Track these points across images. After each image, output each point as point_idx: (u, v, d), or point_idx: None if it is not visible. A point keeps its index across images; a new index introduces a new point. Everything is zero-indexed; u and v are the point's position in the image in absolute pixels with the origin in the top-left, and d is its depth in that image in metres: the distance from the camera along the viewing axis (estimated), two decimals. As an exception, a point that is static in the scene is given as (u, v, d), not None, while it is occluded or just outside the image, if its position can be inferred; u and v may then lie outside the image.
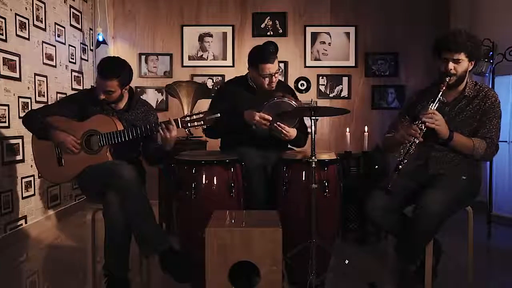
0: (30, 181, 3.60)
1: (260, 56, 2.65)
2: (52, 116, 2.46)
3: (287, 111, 2.53)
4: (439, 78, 2.32)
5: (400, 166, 2.20)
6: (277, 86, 2.84)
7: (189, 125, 2.37)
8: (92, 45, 4.87)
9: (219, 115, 2.35)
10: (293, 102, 2.53)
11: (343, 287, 2.57)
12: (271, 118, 2.52)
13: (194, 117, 2.36)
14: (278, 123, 2.54)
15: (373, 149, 3.53)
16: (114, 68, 2.43)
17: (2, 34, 3.22)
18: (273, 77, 2.66)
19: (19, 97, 3.44)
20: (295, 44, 4.88)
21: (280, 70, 2.74)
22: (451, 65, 2.25)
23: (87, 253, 2.41)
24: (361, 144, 3.46)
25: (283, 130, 2.55)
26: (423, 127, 2.20)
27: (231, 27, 4.87)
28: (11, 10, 3.34)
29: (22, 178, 3.48)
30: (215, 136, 2.88)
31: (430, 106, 2.23)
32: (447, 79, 2.26)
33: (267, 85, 2.68)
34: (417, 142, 2.21)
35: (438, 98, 2.24)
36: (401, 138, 2.28)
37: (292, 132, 2.61)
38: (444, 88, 2.25)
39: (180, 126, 2.37)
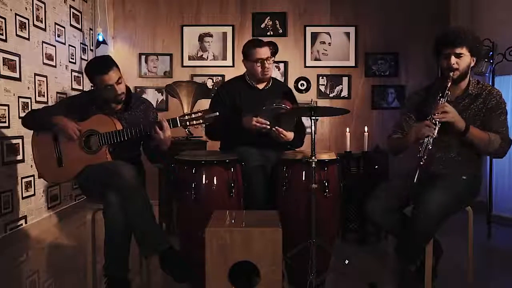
0: (30, 181, 3.60)
1: (251, 42, 2.77)
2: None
3: (284, 115, 2.53)
4: (441, 75, 2.32)
5: (422, 163, 2.15)
6: (275, 85, 2.85)
7: (188, 123, 2.37)
8: (92, 45, 4.87)
9: (218, 113, 2.35)
10: (289, 108, 2.52)
11: (343, 287, 2.57)
12: (268, 123, 2.53)
13: (193, 115, 2.36)
14: (276, 127, 2.55)
15: (373, 149, 3.53)
16: (106, 60, 2.47)
17: (2, 34, 3.22)
18: (266, 63, 2.70)
19: (19, 97, 3.44)
20: (295, 44, 4.88)
21: (273, 59, 2.77)
22: (453, 59, 2.25)
23: (87, 253, 2.41)
24: (361, 144, 3.46)
25: (280, 134, 2.56)
26: (437, 122, 2.17)
27: (231, 27, 4.87)
28: (11, 10, 3.34)
29: (22, 178, 3.48)
30: (216, 136, 2.88)
31: (440, 101, 2.21)
32: (451, 73, 2.25)
33: (260, 73, 2.72)
34: (434, 136, 2.17)
35: (446, 92, 2.23)
36: (415, 137, 2.25)
37: (290, 135, 2.63)
38: (450, 83, 2.24)
39: (179, 125, 2.37)
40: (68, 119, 2.45)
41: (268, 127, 2.54)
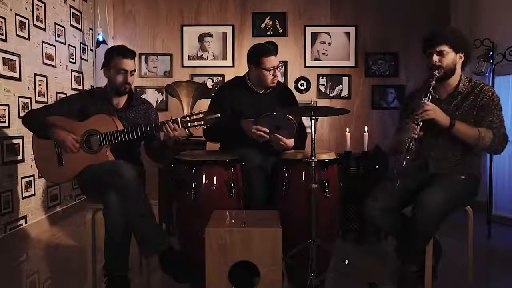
0: (30, 181, 3.60)
1: (263, 50, 2.69)
2: (52, 116, 2.47)
3: (284, 122, 2.51)
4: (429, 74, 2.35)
5: (404, 162, 2.19)
6: (275, 89, 2.83)
7: (189, 125, 2.37)
8: (92, 45, 4.87)
9: (219, 115, 2.35)
10: (290, 116, 2.48)
11: (343, 287, 2.57)
12: (268, 130, 2.52)
13: (194, 117, 2.36)
14: (275, 134, 2.54)
15: (373, 149, 3.52)
16: (131, 50, 2.57)
17: (2, 34, 3.22)
18: (276, 71, 2.68)
19: (19, 97, 3.44)
20: (295, 44, 4.89)
21: (281, 65, 2.75)
22: (435, 57, 2.29)
23: (87, 253, 2.41)
24: (361, 144, 3.46)
25: (280, 142, 2.55)
26: (419, 121, 2.21)
27: (231, 27, 4.87)
28: (11, 10, 3.34)
29: (22, 178, 3.48)
30: (214, 138, 2.88)
31: (423, 101, 2.25)
32: (436, 72, 2.28)
33: (269, 80, 2.69)
34: (416, 137, 2.20)
35: (429, 91, 2.26)
36: (401, 138, 2.28)
37: (290, 142, 2.60)
38: (433, 82, 2.27)
39: (180, 126, 2.37)
40: (67, 119, 2.46)
41: (267, 136, 2.52)
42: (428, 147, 2.37)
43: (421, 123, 2.21)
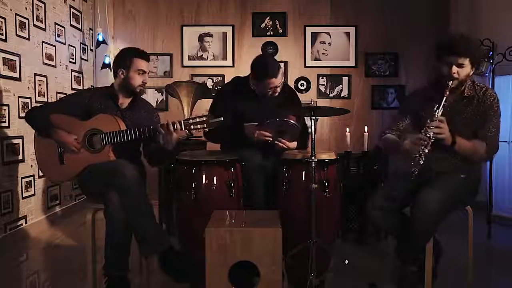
0: (30, 181, 3.60)
1: (268, 73, 2.61)
2: (55, 114, 2.46)
3: (287, 128, 2.50)
4: (438, 81, 2.30)
5: (412, 178, 2.15)
6: (279, 92, 2.82)
7: (192, 127, 2.36)
8: (92, 45, 4.87)
9: (222, 119, 2.34)
10: (294, 122, 2.46)
11: (343, 287, 2.57)
12: (270, 135, 2.52)
13: (197, 120, 2.35)
14: (279, 138, 2.54)
15: (373, 149, 3.53)
16: (145, 51, 2.62)
17: (2, 34, 3.22)
18: (278, 88, 2.67)
19: (19, 97, 3.44)
20: (295, 44, 4.89)
21: (282, 83, 2.72)
22: (454, 69, 2.21)
23: (87, 253, 2.41)
24: (361, 144, 3.46)
25: (283, 146, 2.55)
26: (431, 136, 2.14)
27: (231, 27, 4.87)
28: (11, 10, 3.34)
29: (22, 178, 3.48)
30: (216, 139, 2.88)
31: (436, 113, 2.18)
32: (450, 83, 2.21)
33: (270, 95, 2.68)
34: (426, 151, 2.14)
35: (442, 104, 2.19)
36: (410, 148, 2.20)
37: (293, 145, 2.61)
38: (447, 92, 2.21)
39: (183, 129, 2.37)
40: (69, 117, 2.45)
41: (271, 139, 2.52)
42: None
43: (433, 139, 2.14)
